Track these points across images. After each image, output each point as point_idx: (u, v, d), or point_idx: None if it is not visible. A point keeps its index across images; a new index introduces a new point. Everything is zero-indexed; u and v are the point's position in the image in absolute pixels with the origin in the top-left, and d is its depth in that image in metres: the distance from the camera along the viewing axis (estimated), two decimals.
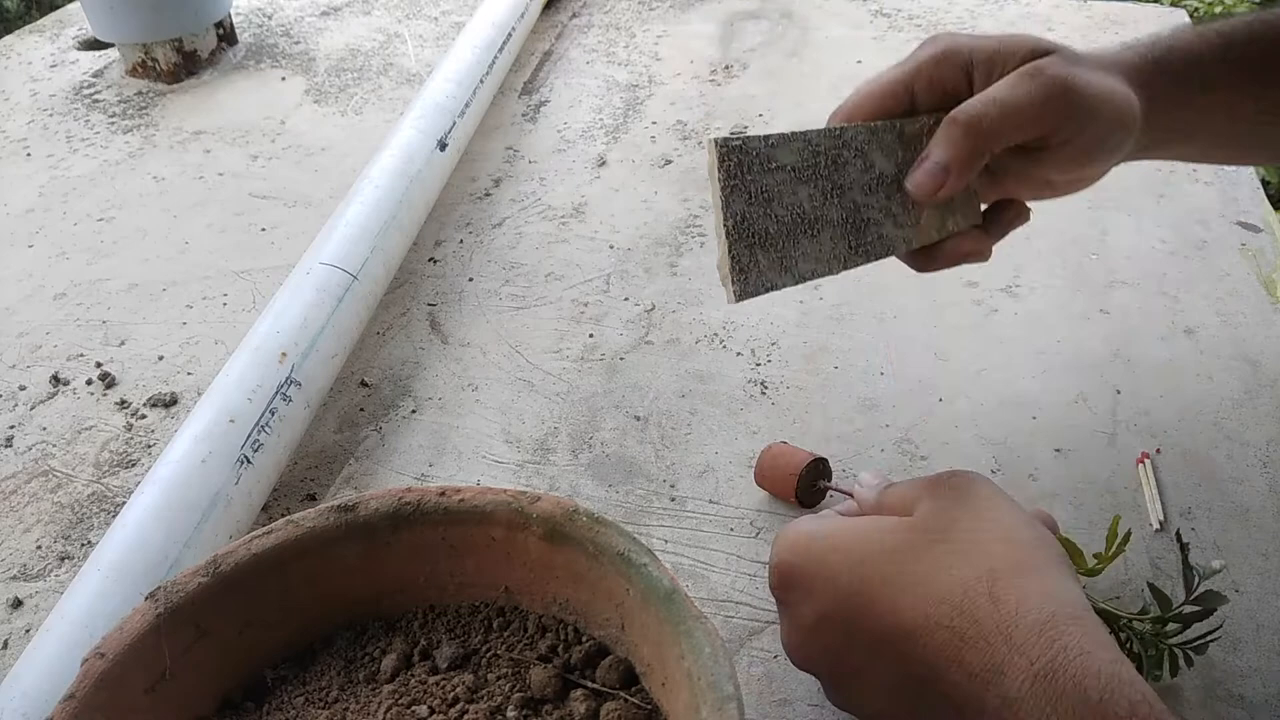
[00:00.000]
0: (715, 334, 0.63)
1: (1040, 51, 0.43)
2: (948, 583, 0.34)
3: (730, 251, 0.38)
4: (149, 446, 0.57)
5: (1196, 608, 0.40)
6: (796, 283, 0.41)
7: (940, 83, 0.44)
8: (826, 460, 0.50)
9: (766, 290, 0.40)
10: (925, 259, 0.46)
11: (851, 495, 0.42)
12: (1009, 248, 0.66)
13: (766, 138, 0.39)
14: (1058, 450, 0.53)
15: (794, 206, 0.40)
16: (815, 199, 0.41)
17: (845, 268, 0.43)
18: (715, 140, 0.38)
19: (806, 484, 0.49)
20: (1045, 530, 0.37)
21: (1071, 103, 0.42)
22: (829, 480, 0.50)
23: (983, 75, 0.44)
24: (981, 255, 0.47)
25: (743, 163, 0.38)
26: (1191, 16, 1.01)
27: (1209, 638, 0.41)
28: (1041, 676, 0.31)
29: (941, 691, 0.33)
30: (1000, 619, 0.32)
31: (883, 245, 0.44)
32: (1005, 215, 0.48)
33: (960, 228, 0.46)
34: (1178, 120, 0.48)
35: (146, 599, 0.36)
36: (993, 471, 0.52)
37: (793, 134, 0.40)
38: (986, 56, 0.43)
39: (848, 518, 0.39)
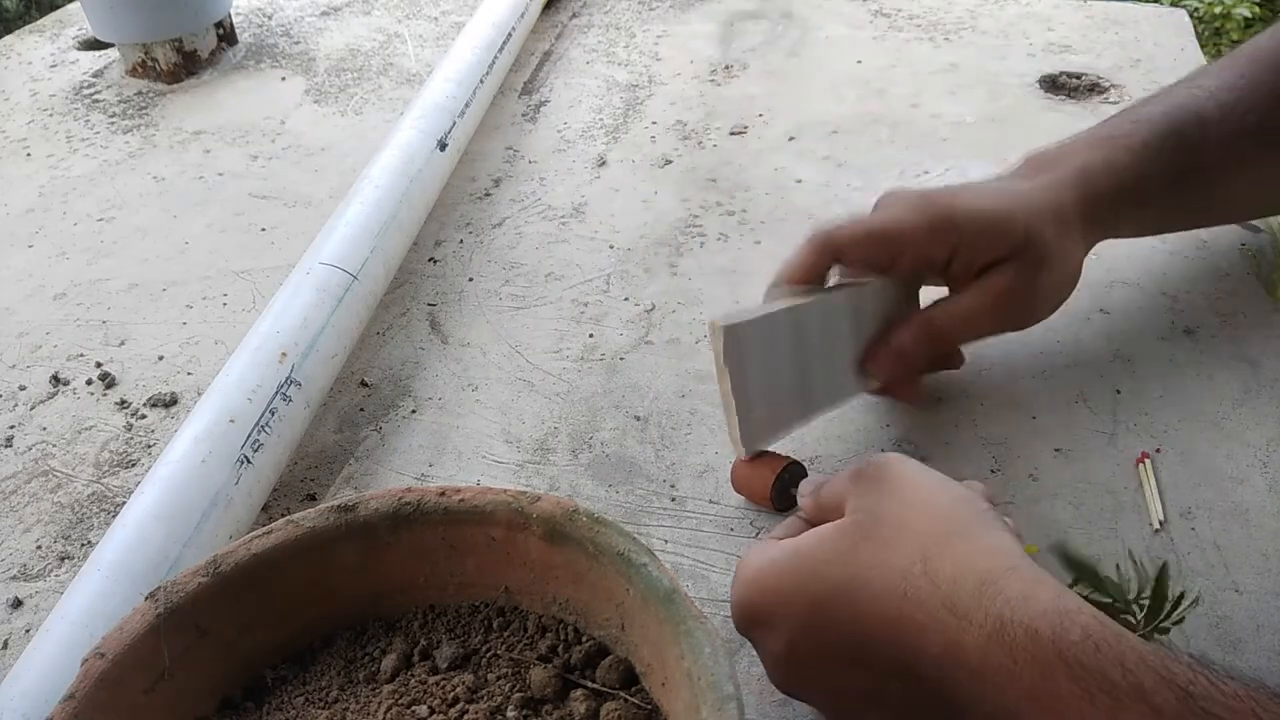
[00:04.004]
0: None
1: (1016, 247, 0.48)
2: (888, 575, 0.34)
3: (738, 415, 0.43)
4: (149, 446, 0.57)
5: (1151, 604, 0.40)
6: (792, 426, 0.48)
7: (927, 256, 0.48)
8: (795, 463, 0.49)
9: (772, 441, 0.46)
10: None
11: None
12: None
13: (763, 316, 0.44)
14: (1058, 450, 0.53)
15: (785, 368, 0.45)
16: (803, 358, 0.46)
17: (829, 410, 0.50)
18: (721, 326, 0.42)
19: (780, 495, 0.48)
20: (964, 490, 0.37)
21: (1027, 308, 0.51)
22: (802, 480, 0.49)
23: (964, 261, 0.48)
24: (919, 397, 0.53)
25: (743, 340, 0.42)
26: (1192, 17, 1.01)
27: (1183, 608, 0.40)
28: (994, 636, 0.31)
29: (919, 682, 0.33)
30: (942, 595, 0.32)
31: (852, 388, 0.50)
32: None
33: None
34: (1122, 231, 0.56)
35: (146, 599, 0.36)
36: (992, 471, 0.52)
37: (784, 309, 0.45)
38: (974, 238, 0.48)
39: (788, 540, 0.38)
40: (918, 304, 0.51)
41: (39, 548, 0.52)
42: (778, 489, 0.48)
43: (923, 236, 0.47)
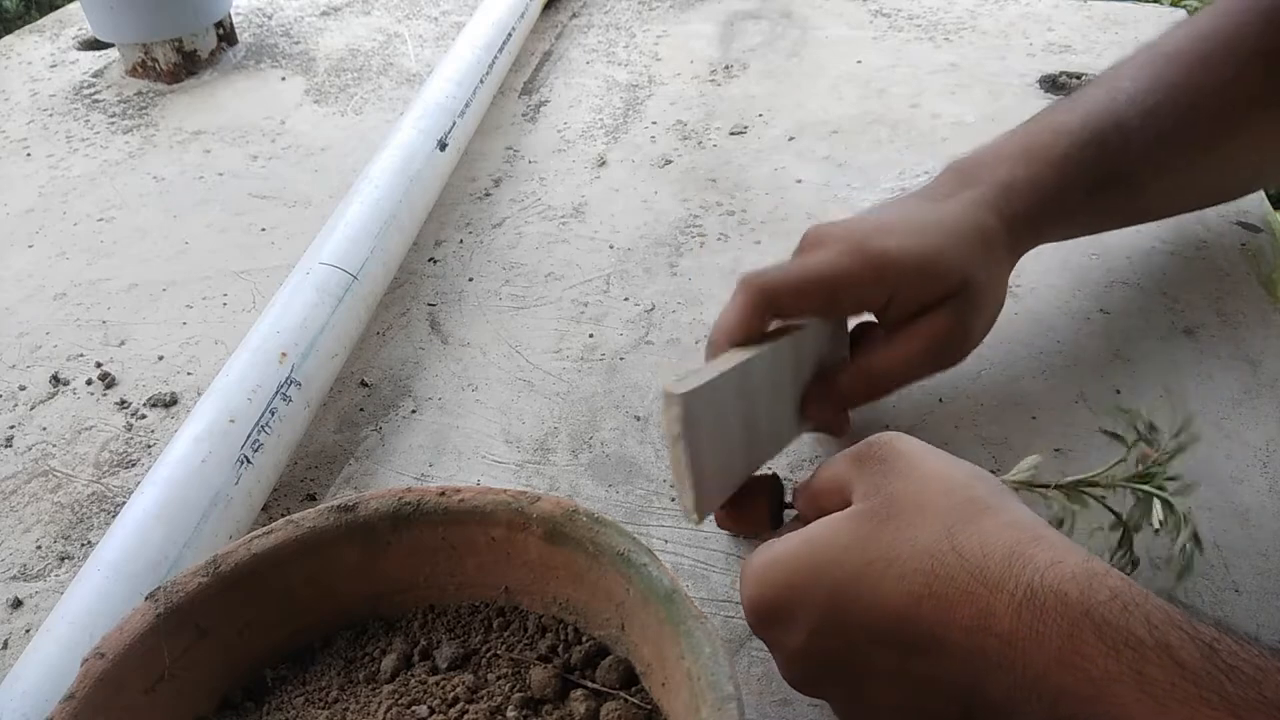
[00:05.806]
0: None
1: (951, 290, 0.48)
2: (913, 554, 0.34)
3: (692, 483, 0.40)
4: (149, 446, 0.57)
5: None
6: (739, 483, 0.45)
7: (864, 301, 0.48)
8: (774, 477, 0.48)
9: (720, 502, 0.44)
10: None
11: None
12: None
13: (715, 379, 0.42)
14: (1057, 450, 0.53)
15: (734, 426, 0.44)
16: (749, 413, 0.45)
17: (772, 456, 0.48)
18: (676, 394, 0.39)
19: (776, 514, 0.47)
20: (978, 468, 0.38)
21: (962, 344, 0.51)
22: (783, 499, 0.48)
23: (900, 305, 0.48)
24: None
25: (696, 406, 0.40)
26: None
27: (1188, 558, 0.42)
28: (1025, 603, 0.31)
29: (945, 656, 0.33)
30: (971, 568, 0.33)
31: (792, 431, 0.49)
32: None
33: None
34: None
35: (146, 599, 0.36)
36: (992, 471, 0.52)
37: (734, 369, 0.43)
38: (910, 282, 0.48)
39: (796, 533, 0.38)
40: (847, 335, 0.52)
41: (39, 548, 0.52)
42: (773, 510, 0.47)
43: (858, 283, 0.47)
